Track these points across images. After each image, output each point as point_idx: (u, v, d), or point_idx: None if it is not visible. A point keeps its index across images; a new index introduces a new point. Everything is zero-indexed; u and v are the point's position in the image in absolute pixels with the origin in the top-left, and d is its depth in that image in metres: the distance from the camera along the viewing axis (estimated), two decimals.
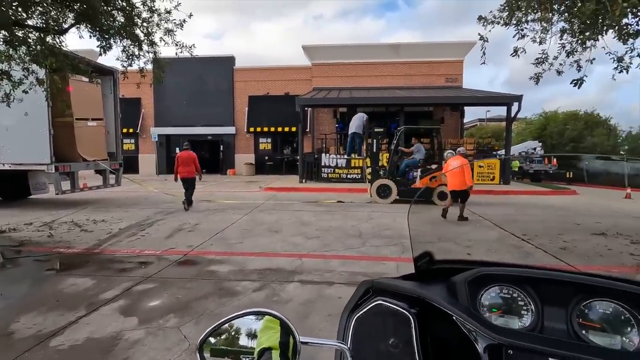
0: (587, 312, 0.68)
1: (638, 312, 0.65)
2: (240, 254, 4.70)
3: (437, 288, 0.78)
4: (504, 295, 0.74)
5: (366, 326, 0.73)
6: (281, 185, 13.25)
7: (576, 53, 4.59)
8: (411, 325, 0.70)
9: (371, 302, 0.75)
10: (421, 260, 0.86)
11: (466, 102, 16.65)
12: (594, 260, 4.51)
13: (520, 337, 0.63)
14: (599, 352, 0.61)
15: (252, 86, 20.78)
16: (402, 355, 0.69)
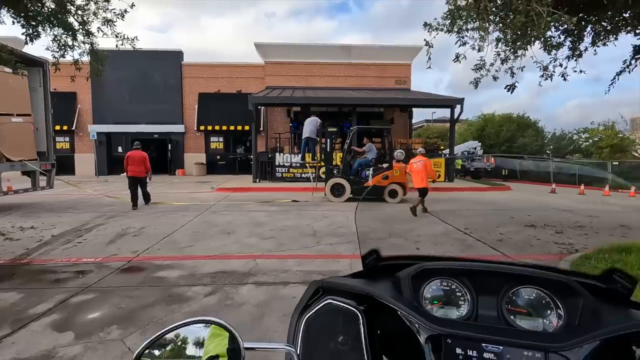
0: (514, 298, 0.74)
1: (556, 297, 0.72)
2: (191, 258, 4.50)
3: (384, 284, 0.81)
4: (444, 287, 0.79)
5: (316, 326, 0.73)
6: (234, 186, 12.92)
7: (509, 61, 5.01)
8: (359, 321, 0.71)
9: (321, 301, 0.76)
10: (368, 258, 0.88)
11: (414, 104, 17.48)
12: (525, 250, 4.97)
13: (456, 326, 0.67)
14: (523, 334, 0.67)
15: (203, 83, 20.02)
16: (350, 351, 0.70)
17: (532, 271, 0.74)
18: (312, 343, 0.73)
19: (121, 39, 5.17)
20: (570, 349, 0.59)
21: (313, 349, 0.72)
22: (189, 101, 20.11)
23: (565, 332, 0.66)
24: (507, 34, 4.88)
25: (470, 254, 4.71)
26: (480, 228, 6.29)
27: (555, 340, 0.61)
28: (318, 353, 0.72)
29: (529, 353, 0.60)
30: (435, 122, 40.00)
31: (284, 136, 18.34)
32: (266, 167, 14.77)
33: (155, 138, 20.17)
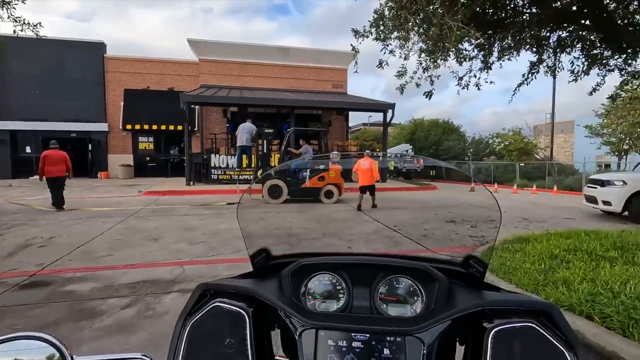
0: (387, 288, 0.80)
1: (420, 284, 0.79)
2: (108, 268, 4.11)
3: (270, 283, 0.81)
4: (325, 282, 0.82)
5: (202, 330, 0.71)
6: (165, 189, 12.13)
7: (430, 69, 5.43)
8: (246, 323, 0.71)
9: (208, 305, 0.73)
10: (257, 257, 0.88)
11: (350, 108, 18.09)
12: (445, 243, 5.41)
13: (330, 319, 0.70)
14: (389, 321, 0.72)
15: (129, 78, 18.51)
16: (236, 354, 0.69)
17: (397, 261, 0.81)
18: (195, 349, 0.70)
19: (20, 24, 4.52)
20: (424, 330, 0.65)
21: (196, 354, 0.69)
22: (113, 98, 18.45)
23: (423, 315, 0.72)
24: (428, 44, 5.29)
25: (397, 250, 5.00)
26: (408, 225, 6.70)
27: (413, 324, 0.67)
28: (202, 358, 0.69)
29: (391, 338, 0.65)
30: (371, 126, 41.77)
31: (221, 137, 17.72)
32: (201, 169, 14.15)
33: (73, 137, 18.16)
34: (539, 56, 6.00)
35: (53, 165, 8.18)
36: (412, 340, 0.64)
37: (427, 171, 20.66)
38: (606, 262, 3.68)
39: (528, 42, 5.89)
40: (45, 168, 8.12)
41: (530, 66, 5.97)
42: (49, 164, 8.16)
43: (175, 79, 18.90)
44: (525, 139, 22.92)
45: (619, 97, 6.60)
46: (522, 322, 0.65)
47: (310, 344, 0.66)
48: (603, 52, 5.42)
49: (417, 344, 0.64)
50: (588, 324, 2.62)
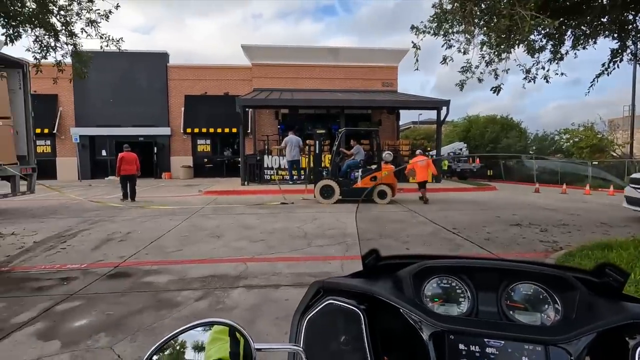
0: (512, 294, 0.76)
1: (553, 292, 0.74)
2: (179, 263, 4.43)
3: (384, 283, 0.81)
4: (444, 285, 0.80)
5: (318, 326, 0.73)
6: (222, 189, 12.80)
7: (494, 63, 5.12)
8: (361, 321, 0.71)
9: (322, 302, 0.75)
10: (368, 257, 0.89)
11: (401, 106, 17.65)
12: (512, 248, 5.07)
13: (458, 323, 0.68)
14: (523, 329, 0.69)
15: (189, 85, 19.81)
16: (353, 351, 0.70)
17: (529, 267, 0.76)
18: (314, 343, 0.72)
19: (106, 40, 5.07)
20: (569, 341, 0.61)
21: (316, 349, 0.71)
22: (175, 103, 19.86)
23: (563, 325, 0.68)
24: (492, 37, 4.99)
25: (460, 253, 4.78)
26: (468, 227, 6.38)
27: (554, 333, 0.63)
28: (321, 353, 0.71)
29: (529, 347, 0.62)
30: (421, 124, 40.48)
31: (272, 138, 18.27)
32: (254, 170, 14.69)
33: (141, 141, 19.83)
34: (621, 42, 5.39)
35: (128, 165, 9.90)
36: (557, 351, 0.61)
37: (484, 171, 19.53)
38: None
39: (608, 28, 5.32)
40: (122, 167, 9.83)
41: (611, 54, 5.38)
42: (125, 163, 9.86)
43: (230, 83, 19.85)
44: (598, 134, 20.70)
45: None
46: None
47: (439, 347, 0.64)
48: None
49: (562, 354, 0.60)
50: None
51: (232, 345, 0.57)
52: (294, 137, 11.03)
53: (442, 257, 0.84)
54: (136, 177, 10.21)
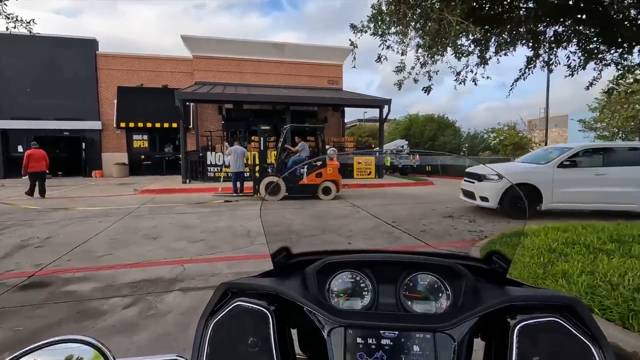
0: (411, 285, 0.80)
1: (445, 280, 0.79)
2: (108, 268, 4.09)
3: (293, 281, 0.81)
4: (349, 279, 0.82)
5: (224, 330, 0.71)
6: (161, 187, 12.07)
7: (427, 65, 5.43)
8: (269, 322, 0.70)
9: (229, 304, 0.73)
10: (278, 255, 0.88)
11: (346, 104, 18.05)
12: (444, 238, 5.44)
13: (357, 317, 0.70)
14: (417, 318, 0.73)
15: (122, 76, 18.32)
16: (260, 353, 0.68)
17: (423, 258, 0.81)
18: (219, 348, 0.70)
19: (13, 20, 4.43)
20: (453, 327, 0.65)
21: (220, 353, 0.69)
22: (106, 95, 18.26)
23: (451, 312, 0.72)
24: (426, 40, 5.28)
25: (397, 246, 5.02)
26: (406, 220, 6.73)
27: (441, 320, 0.67)
28: (226, 357, 0.69)
29: (420, 335, 0.65)
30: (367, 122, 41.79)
31: (216, 134, 17.64)
32: (197, 167, 14.07)
33: (66, 136, 17.98)
34: (535, 51, 6.02)
35: (36, 162, 9.95)
36: (442, 336, 0.65)
37: (423, 167, 20.74)
38: (604, 255, 3.72)
39: (524, 37, 5.91)
40: (30, 164, 9.91)
41: (527, 61, 5.99)
42: (33, 160, 9.93)
43: (169, 76, 18.74)
44: (519, 133, 23.07)
45: (615, 91, 6.65)
46: (546, 317, 0.65)
47: (339, 342, 0.65)
48: (599, 47, 5.45)
49: (446, 340, 0.64)
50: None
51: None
52: (240, 147, 10.63)
53: (349, 252, 0.86)
54: (45, 174, 10.21)
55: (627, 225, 5.04)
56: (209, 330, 0.71)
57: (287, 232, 5.84)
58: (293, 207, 8.30)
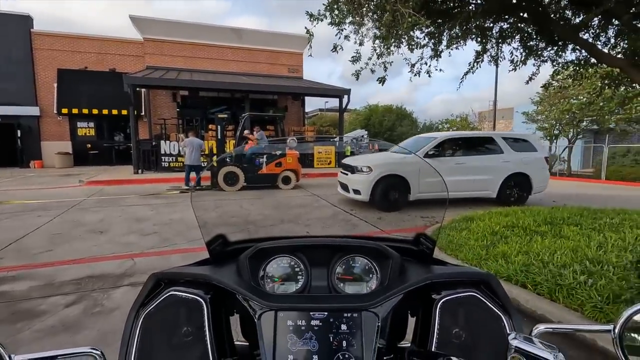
0: (343, 268, 0.84)
1: (375, 262, 0.83)
2: (47, 265, 3.80)
3: (228, 269, 0.81)
4: (283, 265, 0.83)
5: (157, 320, 0.69)
6: (110, 178, 11.34)
7: (383, 56, 5.53)
8: (203, 310, 0.70)
9: (162, 294, 0.71)
10: (214, 243, 0.87)
11: (306, 93, 17.96)
12: (399, 224, 5.66)
13: (287, 300, 0.72)
14: (346, 298, 0.76)
15: (63, 57, 16.80)
16: (194, 342, 0.68)
17: (353, 241, 0.84)
18: (150, 339, 0.68)
19: None
20: (379, 304, 0.69)
21: (151, 345, 0.68)
22: (44, 78, 16.67)
23: (377, 291, 0.76)
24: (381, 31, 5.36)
25: (354, 232, 5.15)
26: (365, 208, 6.90)
27: (368, 299, 0.70)
28: (158, 348, 0.68)
29: (348, 314, 0.68)
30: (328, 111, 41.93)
31: (170, 122, 16.81)
32: (150, 156, 13.38)
33: None
34: (483, 46, 6.34)
35: None
36: (368, 314, 0.68)
37: None
38: (538, 236, 4.08)
39: (473, 32, 6.19)
40: None
41: (475, 55, 6.29)
42: None
43: (117, 59, 17.47)
44: (470, 124, 24.38)
45: (551, 86, 7.21)
46: (465, 291, 0.71)
47: (269, 326, 0.67)
48: (538, 44, 5.86)
49: (372, 318, 0.67)
50: (523, 291, 2.92)
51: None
52: (196, 139, 10.13)
53: (284, 238, 0.87)
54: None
55: (559, 209, 5.56)
56: (139, 321, 0.69)
57: (244, 222, 5.77)
58: (251, 197, 8.19)
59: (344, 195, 7.24)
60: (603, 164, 14.28)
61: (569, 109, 16.41)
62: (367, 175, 6.69)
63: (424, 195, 6.84)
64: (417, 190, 6.80)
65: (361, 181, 6.72)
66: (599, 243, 3.69)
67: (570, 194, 9.31)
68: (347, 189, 7.02)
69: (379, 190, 6.64)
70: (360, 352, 0.64)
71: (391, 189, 6.71)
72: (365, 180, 6.66)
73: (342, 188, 7.33)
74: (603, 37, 5.47)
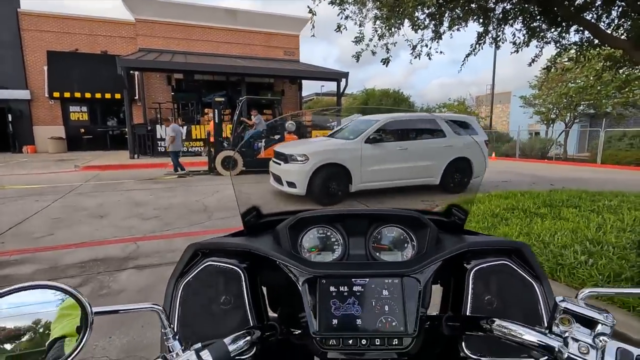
0: (379, 237, 0.86)
1: (410, 231, 0.85)
2: (50, 249, 3.79)
3: (264, 239, 0.83)
4: (320, 235, 0.85)
5: (195, 289, 0.71)
6: (106, 163, 11.23)
7: (385, 37, 5.44)
8: (241, 279, 0.72)
9: (200, 265, 0.73)
10: (248, 215, 0.88)
11: (303, 76, 17.70)
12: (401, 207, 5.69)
13: (329, 267, 0.74)
14: (385, 265, 0.78)
15: (52, 39, 16.34)
16: (233, 310, 0.71)
17: (390, 210, 0.85)
18: (191, 306, 0.70)
19: None
20: (419, 271, 0.71)
21: (192, 312, 0.70)
22: (33, 61, 16.26)
23: (416, 259, 0.78)
24: (383, 11, 5.25)
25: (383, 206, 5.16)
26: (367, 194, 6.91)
27: (408, 266, 0.72)
28: (199, 316, 0.70)
29: (388, 280, 0.70)
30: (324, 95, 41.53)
31: (166, 106, 16.56)
32: (145, 141, 13.23)
33: None
34: (485, 27, 6.25)
35: None
36: (409, 280, 0.70)
37: None
38: (538, 218, 4.13)
39: (475, 13, 6.10)
40: None
41: (477, 37, 6.21)
42: None
43: (108, 40, 17.03)
44: (468, 109, 24.32)
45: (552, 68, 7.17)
46: (497, 260, 0.74)
47: (313, 292, 0.68)
48: (541, 25, 5.78)
49: (413, 283, 0.70)
50: None
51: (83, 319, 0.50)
52: (177, 126, 10.00)
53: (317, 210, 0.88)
54: None
55: (558, 192, 5.62)
56: (179, 291, 0.71)
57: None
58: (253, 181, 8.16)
59: (278, 188, 6.09)
60: (599, 148, 14.37)
61: (567, 92, 16.38)
62: (302, 164, 5.70)
63: (367, 186, 6.16)
64: (359, 180, 6.04)
65: (296, 172, 5.72)
66: (598, 224, 3.74)
67: (567, 178, 9.40)
68: (281, 181, 5.92)
69: (317, 182, 5.70)
70: (403, 316, 0.66)
71: (331, 180, 5.85)
72: (301, 170, 5.68)
73: (275, 180, 6.17)
74: (606, 18, 5.41)
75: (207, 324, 0.69)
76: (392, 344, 0.65)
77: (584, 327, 0.48)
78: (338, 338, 0.65)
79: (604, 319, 0.48)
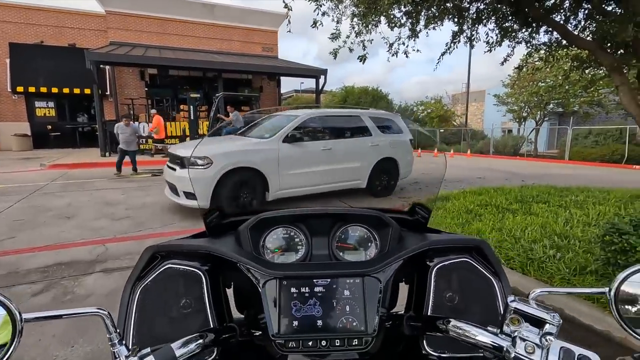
0: (342, 236, 0.84)
1: (374, 231, 0.84)
2: (11, 253, 3.57)
3: (226, 240, 0.81)
4: (283, 235, 0.83)
5: (154, 293, 0.69)
6: (75, 161, 10.75)
7: (362, 34, 5.44)
8: (202, 282, 0.70)
9: (158, 268, 0.70)
10: (210, 216, 0.86)
11: (282, 72, 17.49)
12: (380, 203, 5.73)
13: (291, 269, 0.72)
14: (347, 265, 0.77)
15: (15, 30, 15.45)
16: (194, 313, 0.69)
17: (353, 210, 0.84)
18: (149, 311, 0.67)
19: None
20: (380, 270, 0.70)
21: (151, 316, 0.67)
22: None
23: (378, 258, 0.77)
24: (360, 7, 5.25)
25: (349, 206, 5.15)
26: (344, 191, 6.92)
27: (369, 265, 0.71)
28: (157, 320, 0.67)
29: (350, 280, 0.69)
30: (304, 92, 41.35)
31: (139, 102, 16.01)
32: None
33: None
34: (459, 26, 6.36)
35: None
36: (370, 280, 0.69)
37: None
38: (510, 214, 4.25)
39: (451, 12, 6.19)
40: None
41: (452, 36, 6.31)
42: None
43: (76, 33, 16.26)
44: (444, 107, 24.82)
45: (524, 67, 7.38)
46: (458, 257, 0.75)
47: (273, 294, 0.67)
48: (513, 25, 5.94)
49: (374, 282, 0.69)
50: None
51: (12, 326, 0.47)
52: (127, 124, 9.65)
53: (280, 210, 0.85)
54: None
55: (529, 188, 5.81)
56: (136, 295, 0.68)
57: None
58: None
59: (174, 201, 4.94)
60: (567, 145, 15.00)
61: (537, 91, 16.99)
62: (204, 170, 4.59)
63: (286, 192, 5.34)
64: (277, 186, 5.21)
65: (196, 179, 4.66)
66: (566, 219, 3.89)
67: (538, 174, 9.76)
68: (177, 192, 4.79)
69: (223, 192, 4.69)
70: (363, 316, 0.66)
71: (242, 188, 4.90)
72: (202, 177, 4.59)
73: (171, 190, 5.02)
74: (574, 19, 5.62)
75: (166, 329, 0.67)
76: (352, 344, 0.65)
77: (532, 327, 0.50)
78: (298, 340, 0.64)
79: (551, 319, 0.49)
